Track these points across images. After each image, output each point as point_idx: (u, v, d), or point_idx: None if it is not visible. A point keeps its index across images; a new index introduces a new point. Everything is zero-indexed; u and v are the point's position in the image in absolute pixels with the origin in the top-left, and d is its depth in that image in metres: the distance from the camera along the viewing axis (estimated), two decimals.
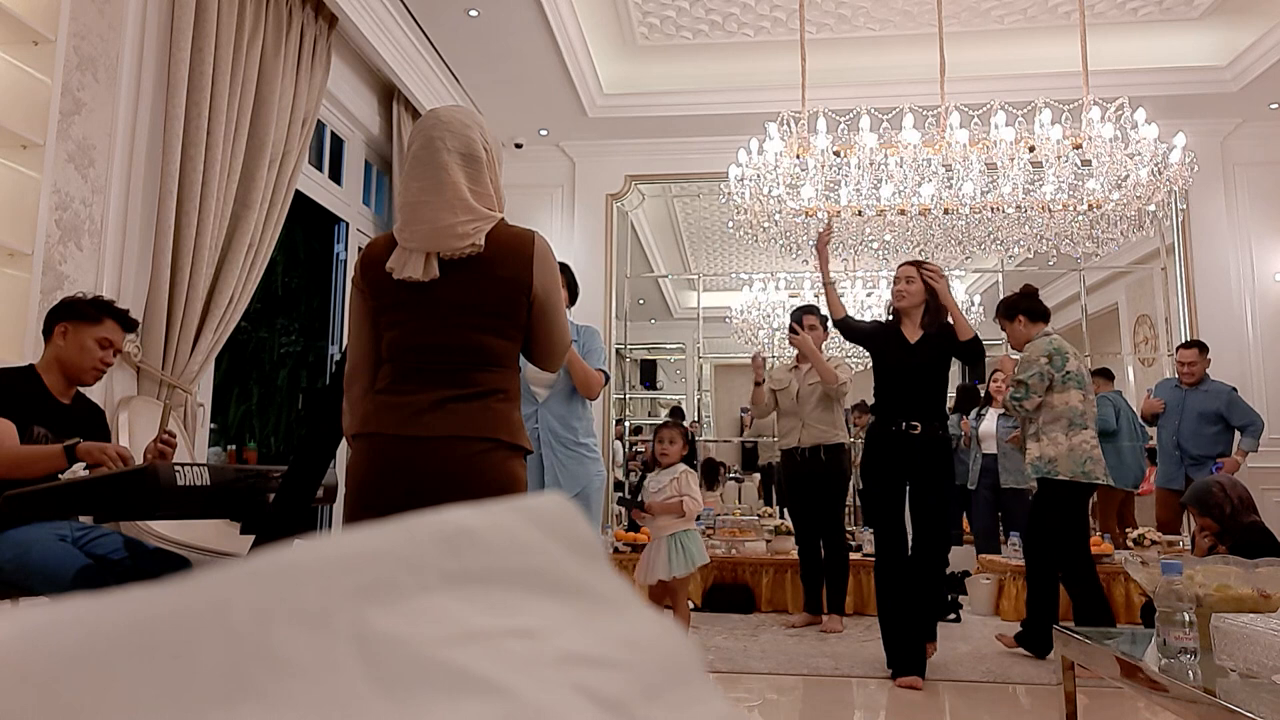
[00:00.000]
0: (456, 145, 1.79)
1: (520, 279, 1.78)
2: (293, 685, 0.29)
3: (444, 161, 1.77)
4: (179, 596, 0.32)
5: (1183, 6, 5.44)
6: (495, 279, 1.77)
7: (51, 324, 2.48)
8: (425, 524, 0.35)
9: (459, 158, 1.79)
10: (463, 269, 1.76)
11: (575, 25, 5.38)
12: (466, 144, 1.80)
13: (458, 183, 1.77)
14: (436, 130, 1.81)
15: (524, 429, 1.84)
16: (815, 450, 4.67)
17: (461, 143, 1.80)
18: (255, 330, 10.24)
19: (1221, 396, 5.42)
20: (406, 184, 1.82)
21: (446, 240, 1.74)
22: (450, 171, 1.77)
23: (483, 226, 1.77)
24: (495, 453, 1.75)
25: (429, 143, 1.80)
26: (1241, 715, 1.50)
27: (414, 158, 1.81)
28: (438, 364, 1.77)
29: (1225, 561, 2.13)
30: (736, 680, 3.51)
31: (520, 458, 1.82)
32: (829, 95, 5.23)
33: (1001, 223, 4.94)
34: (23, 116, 2.88)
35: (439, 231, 1.74)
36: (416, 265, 1.74)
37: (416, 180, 1.79)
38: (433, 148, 1.79)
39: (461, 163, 1.79)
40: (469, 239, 1.75)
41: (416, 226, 1.76)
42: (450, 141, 1.79)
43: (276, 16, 4.00)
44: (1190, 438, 5.43)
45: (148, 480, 1.96)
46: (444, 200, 1.76)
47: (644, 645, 0.36)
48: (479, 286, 1.76)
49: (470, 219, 1.76)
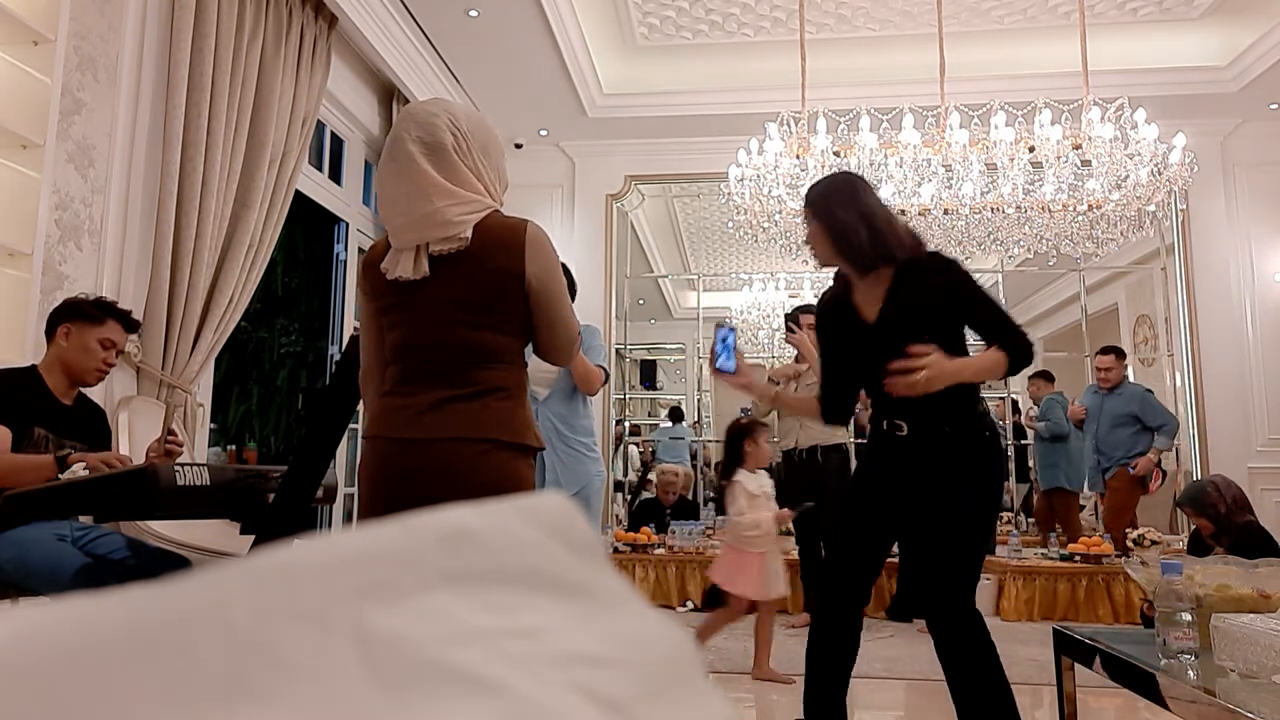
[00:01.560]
0: (419, 134, 1.75)
1: (511, 269, 1.73)
2: (292, 685, 0.29)
3: (408, 152, 1.74)
4: (178, 596, 0.32)
5: (1183, 6, 5.44)
6: (486, 272, 1.73)
7: (54, 325, 2.48)
8: (425, 523, 0.35)
9: (421, 146, 1.74)
10: (453, 264, 1.72)
11: (575, 25, 5.38)
12: (429, 131, 1.75)
13: (425, 170, 1.73)
14: (402, 124, 1.78)
15: (531, 426, 1.80)
16: (813, 451, 4.67)
17: (424, 131, 1.75)
18: (255, 330, 10.24)
19: (1135, 399, 5.54)
20: (380, 181, 1.81)
21: (431, 228, 1.70)
22: (416, 161, 1.73)
23: (470, 213, 1.73)
24: (495, 453, 1.72)
25: (394, 137, 1.78)
26: (1241, 715, 1.50)
27: (384, 154, 1.80)
28: (436, 364, 1.75)
29: (1225, 561, 2.13)
30: (736, 680, 3.51)
31: (527, 457, 1.78)
32: (829, 95, 5.23)
33: (1001, 223, 4.94)
34: (23, 116, 2.88)
35: (421, 220, 1.70)
36: (406, 264, 1.72)
37: (388, 176, 1.77)
38: (397, 140, 1.76)
39: (425, 151, 1.74)
40: (455, 227, 1.70)
41: (396, 220, 1.73)
42: (413, 131, 1.76)
43: (276, 16, 4.01)
44: (1106, 440, 5.57)
45: (147, 480, 1.96)
46: (416, 189, 1.72)
47: (644, 645, 0.36)
48: (469, 281, 1.72)
49: (452, 203, 1.72)
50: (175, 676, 0.29)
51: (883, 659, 3.84)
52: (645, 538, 5.47)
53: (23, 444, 2.32)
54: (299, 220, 9.15)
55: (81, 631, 0.30)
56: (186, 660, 0.30)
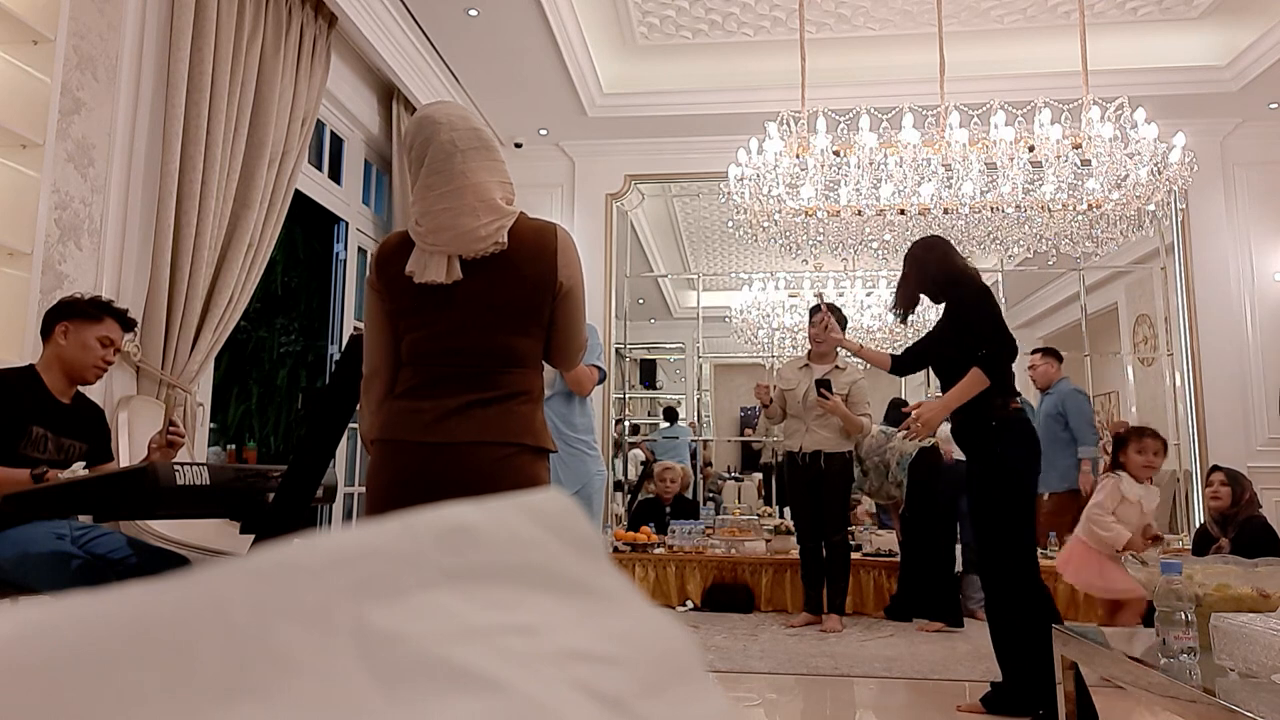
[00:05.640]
0: (471, 141, 1.74)
1: (545, 275, 1.73)
2: (292, 682, 0.29)
3: (462, 165, 1.72)
4: (178, 594, 0.32)
5: (1182, 6, 5.44)
6: (520, 277, 1.72)
7: (51, 323, 2.48)
8: (425, 520, 0.35)
9: (477, 154, 1.73)
10: (486, 268, 1.71)
11: (575, 25, 5.38)
12: (478, 137, 1.76)
13: (481, 184, 1.72)
14: (443, 133, 1.74)
15: (548, 429, 1.79)
16: (816, 455, 4.67)
17: (474, 137, 1.75)
18: (255, 330, 10.24)
19: (1063, 398, 5.51)
20: (424, 192, 1.75)
21: (470, 244, 1.70)
22: (471, 175, 1.72)
23: (505, 224, 1.72)
24: (520, 457, 1.71)
25: (440, 147, 1.74)
26: (1241, 715, 1.50)
27: (429, 165, 1.74)
28: (461, 367, 1.72)
29: (1225, 561, 2.13)
30: (736, 680, 3.51)
31: (545, 460, 1.78)
32: (829, 95, 5.23)
33: (1001, 222, 4.94)
34: (22, 116, 2.88)
35: (462, 236, 1.69)
36: (439, 268, 1.69)
37: (436, 189, 1.73)
38: (445, 152, 1.73)
39: (483, 158, 1.74)
40: (492, 239, 1.70)
41: (436, 234, 1.71)
42: (462, 140, 1.74)
43: (276, 16, 4.00)
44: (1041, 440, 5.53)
45: (147, 480, 1.96)
46: (466, 205, 1.70)
47: (643, 642, 0.36)
48: (504, 285, 1.71)
49: (493, 219, 1.71)
50: (175, 674, 0.29)
51: (883, 659, 3.84)
52: (645, 537, 5.47)
53: (22, 443, 2.32)
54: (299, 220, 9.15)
55: (82, 629, 0.30)
56: (187, 658, 0.30)
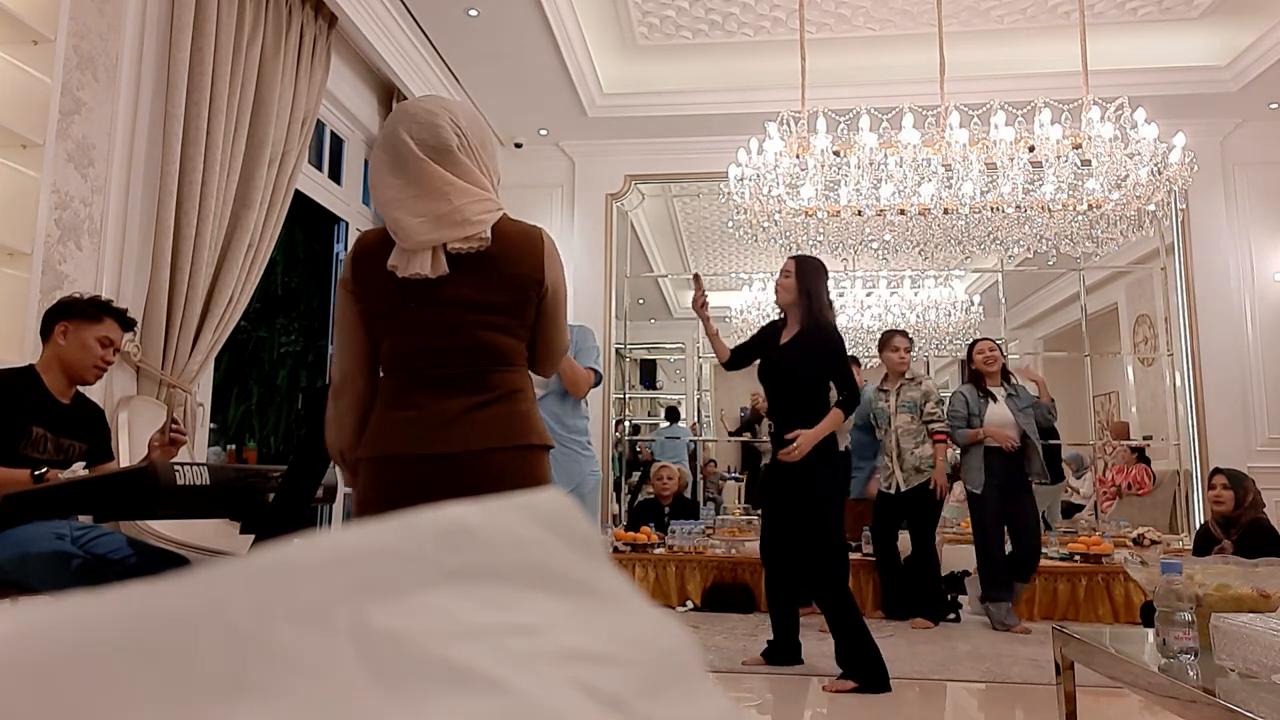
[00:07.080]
0: (423, 135, 1.67)
1: (532, 275, 1.69)
2: (292, 682, 0.29)
3: (413, 153, 1.66)
4: (178, 594, 0.32)
5: (1182, 6, 5.44)
6: (507, 276, 1.67)
7: (50, 324, 2.48)
8: (424, 520, 0.35)
9: (426, 148, 1.67)
10: (471, 265, 1.65)
11: (575, 25, 5.38)
12: (433, 133, 1.68)
13: (436, 170, 1.66)
14: (401, 123, 1.69)
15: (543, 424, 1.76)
16: None
17: (428, 133, 1.68)
18: (255, 330, 10.24)
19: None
20: (385, 180, 1.69)
21: (453, 227, 1.62)
22: (423, 161, 1.66)
23: (489, 211, 1.67)
24: (530, 456, 1.68)
25: (392, 135, 1.68)
26: (1241, 715, 1.50)
27: (390, 155, 1.69)
28: (450, 369, 1.66)
29: (1225, 561, 2.13)
30: (736, 680, 3.51)
31: (546, 456, 1.74)
32: (829, 95, 5.23)
33: (1001, 222, 4.94)
34: (22, 116, 2.88)
35: (441, 219, 1.62)
36: (424, 261, 1.62)
37: (391, 176, 1.67)
38: (397, 140, 1.67)
39: (431, 154, 1.67)
40: (476, 225, 1.64)
41: (410, 220, 1.63)
42: (416, 133, 1.67)
43: (276, 16, 4.00)
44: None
45: (147, 480, 1.96)
46: (430, 188, 1.64)
47: (643, 642, 0.36)
48: (489, 283, 1.66)
49: (470, 200, 1.65)
50: (176, 674, 0.29)
51: None
52: (645, 537, 5.47)
53: (22, 444, 2.32)
54: (299, 220, 9.15)
55: (82, 629, 0.30)
56: (187, 658, 0.30)
